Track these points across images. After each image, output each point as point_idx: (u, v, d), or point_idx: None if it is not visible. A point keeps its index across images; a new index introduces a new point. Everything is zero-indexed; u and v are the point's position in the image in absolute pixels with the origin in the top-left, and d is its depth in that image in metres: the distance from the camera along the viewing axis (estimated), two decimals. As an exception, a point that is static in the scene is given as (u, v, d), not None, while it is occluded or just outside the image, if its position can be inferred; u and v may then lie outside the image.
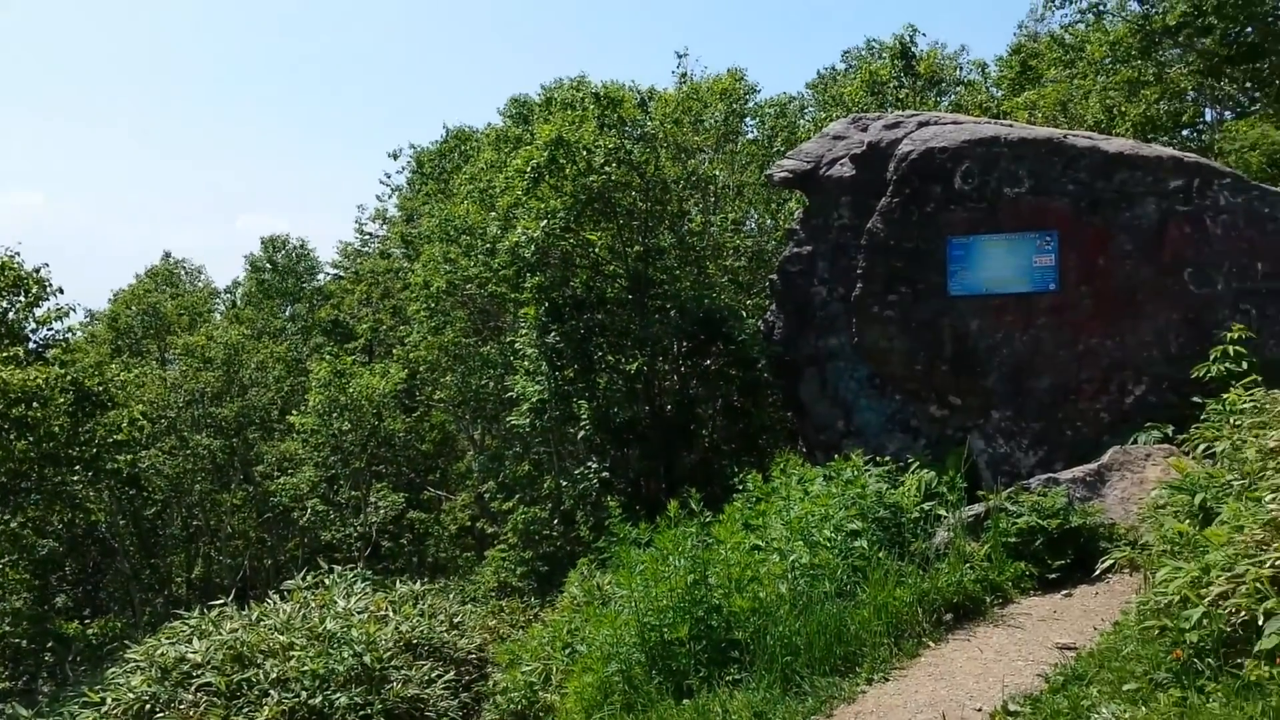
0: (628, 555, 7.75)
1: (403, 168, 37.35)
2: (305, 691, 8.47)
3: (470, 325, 23.97)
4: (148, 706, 8.63)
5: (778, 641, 6.53)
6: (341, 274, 39.76)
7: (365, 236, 39.96)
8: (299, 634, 9.37)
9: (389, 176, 40.47)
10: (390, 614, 10.24)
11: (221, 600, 10.87)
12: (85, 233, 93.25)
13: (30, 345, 19.05)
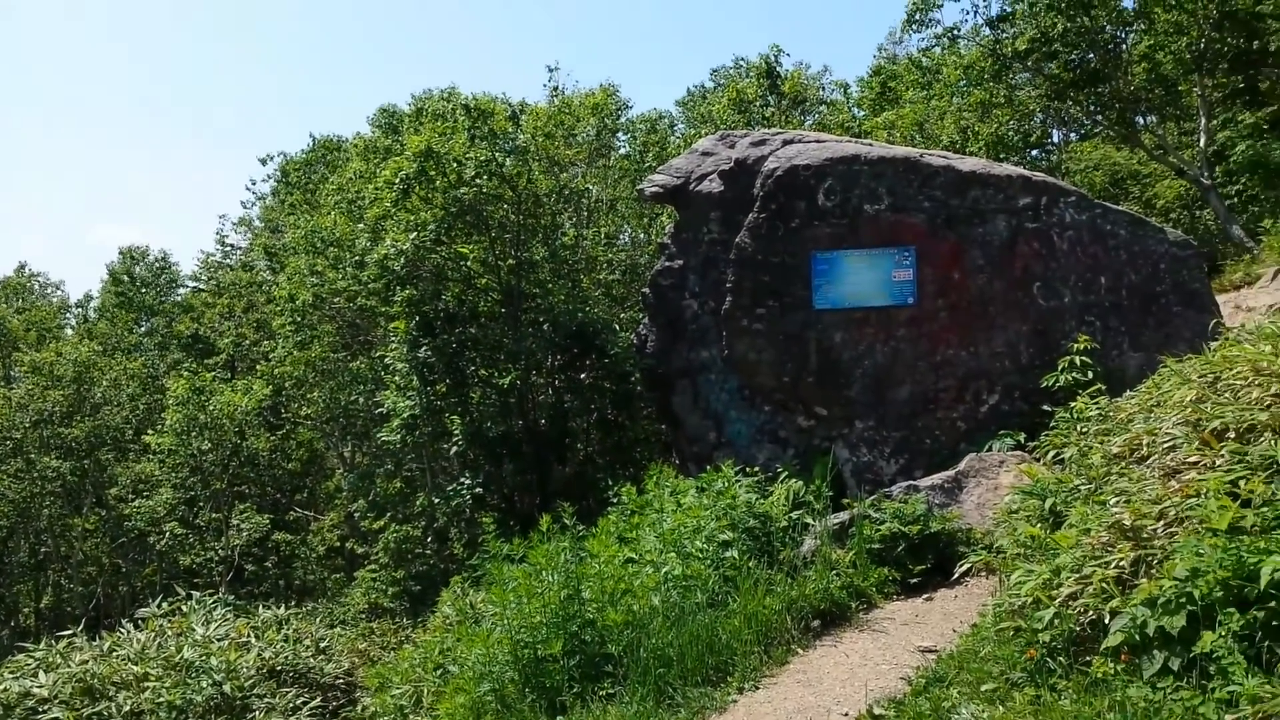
0: (501, 572, 7.70)
1: (268, 176, 36.33)
2: (162, 724, 8.12)
3: (338, 340, 23.41)
4: (-11, 747, 8.15)
5: (651, 654, 6.58)
6: (202, 287, 38.35)
7: (227, 248, 38.67)
8: (154, 664, 8.98)
9: (254, 184, 39.25)
10: (253, 640, 9.90)
11: (71, 630, 10.34)
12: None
13: None
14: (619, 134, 24.57)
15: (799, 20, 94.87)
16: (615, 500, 10.18)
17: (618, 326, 17.35)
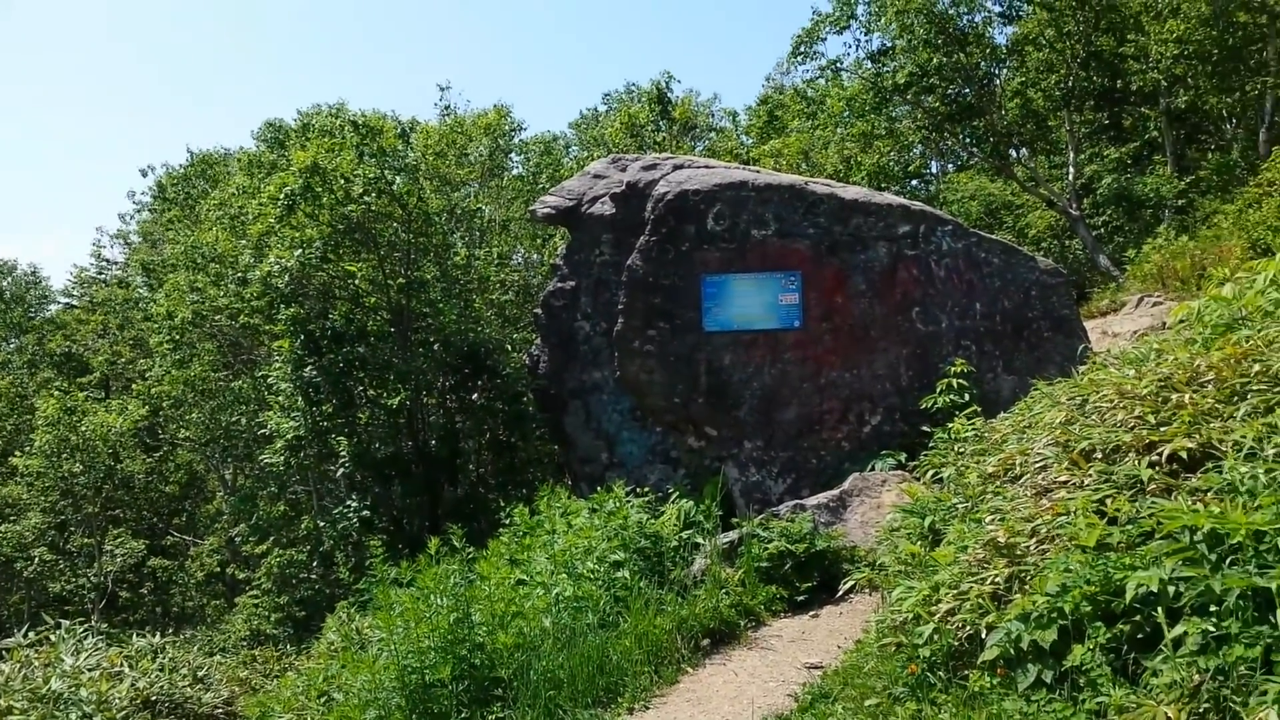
0: (388, 596, 7.56)
1: (148, 189, 35.10)
2: (26, 762, 7.71)
3: (219, 358, 22.72)
4: None
5: (541, 676, 6.54)
6: (75, 303, 36.72)
7: (103, 263, 37.15)
8: (19, 696, 8.50)
9: (134, 195, 37.83)
10: (126, 670, 9.47)
11: (-72, 664, 9.72)
12: None
13: None
14: (512, 154, 24.55)
15: (690, 48, 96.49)
16: (507, 522, 10.13)
17: (510, 347, 17.27)
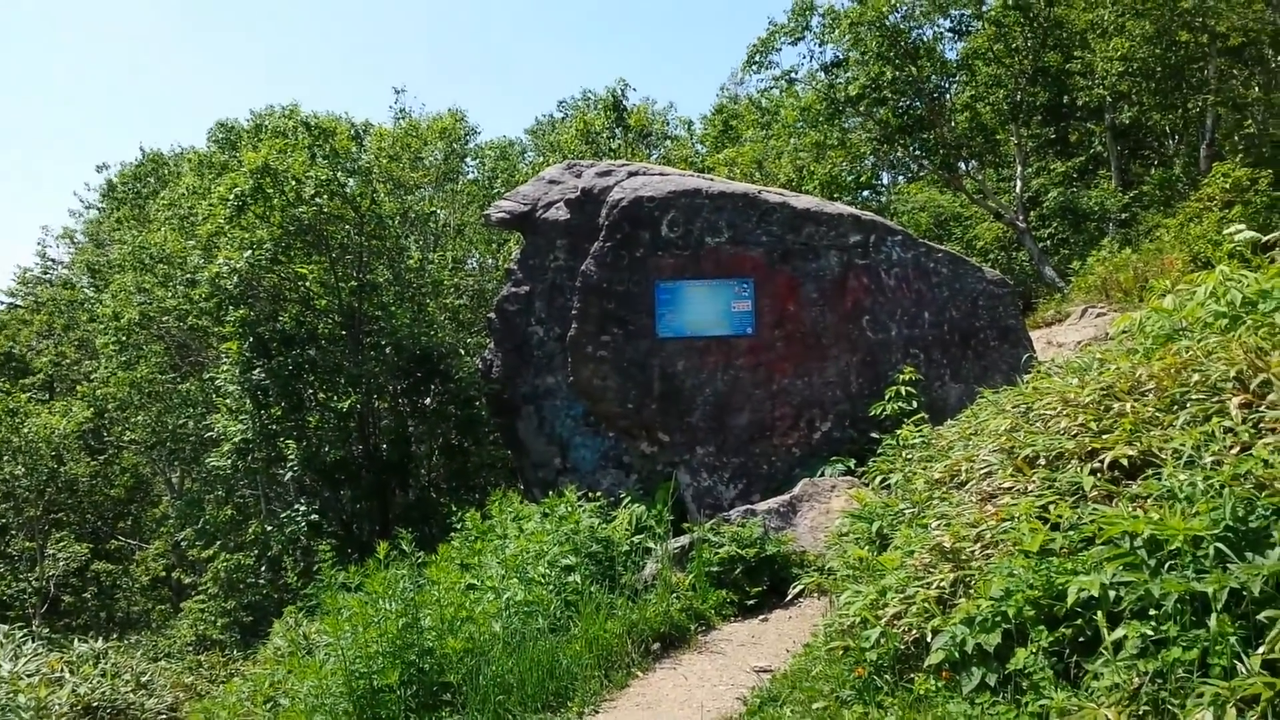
0: (336, 601, 7.49)
1: (98, 186, 34.47)
2: (-39, 771, 7.54)
3: (167, 360, 22.36)
4: None
5: (490, 681, 6.52)
6: (19, 303, 35.93)
7: (48, 263, 36.41)
8: (-47, 705, 8.32)
9: (88, 188, 37.11)
10: (67, 675, 9.29)
11: None
12: None
13: None
14: (467, 159, 24.48)
15: (645, 57, 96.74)
16: (458, 526, 10.07)
17: (463, 351, 17.18)
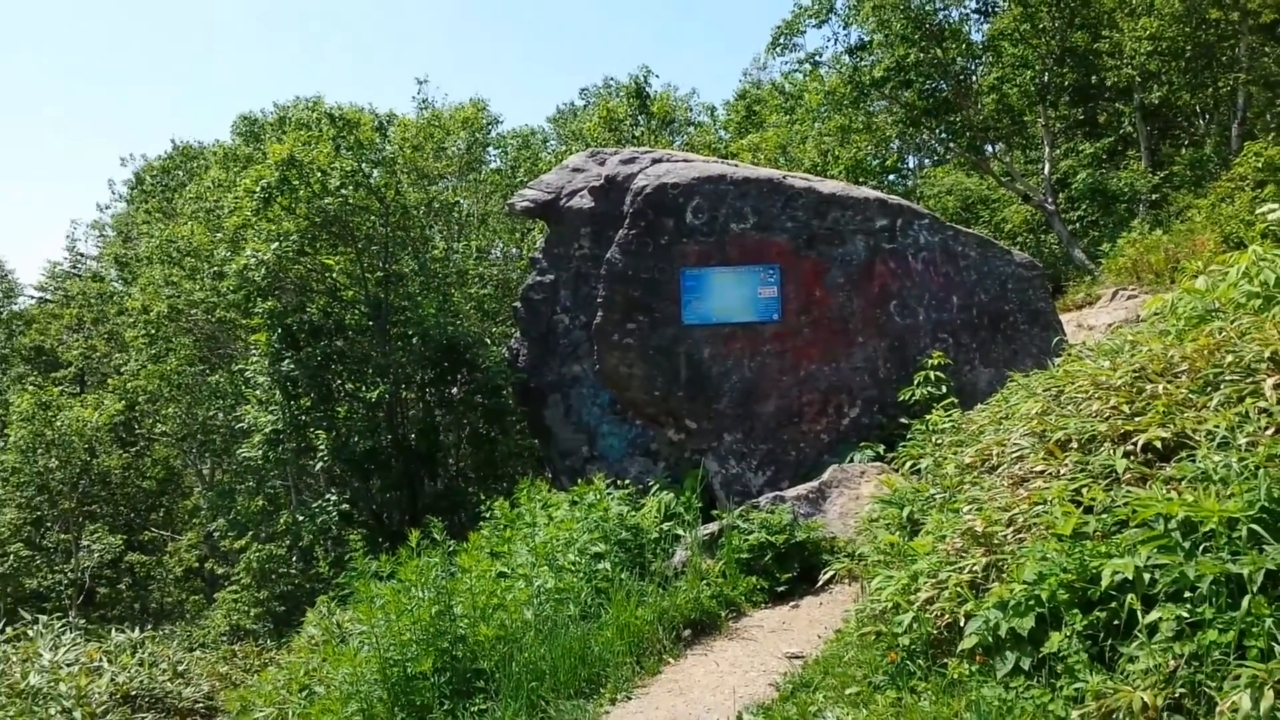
0: (369, 589, 7.55)
1: (127, 179, 34.79)
2: (6, 757, 7.68)
3: (195, 353, 22.56)
4: None
5: (523, 668, 6.56)
6: (49, 297, 36.36)
7: (77, 257, 36.81)
8: (-3, 692, 8.47)
9: (114, 185, 37.46)
10: (105, 665, 9.42)
11: (-95, 661, 9.64)
12: None
13: None
14: (490, 148, 24.52)
15: (668, 44, 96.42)
16: (487, 515, 10.13)
17: (489, 341, 17.25)
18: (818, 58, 27.19)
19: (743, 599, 7.91)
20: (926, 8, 24.32)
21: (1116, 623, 4.17)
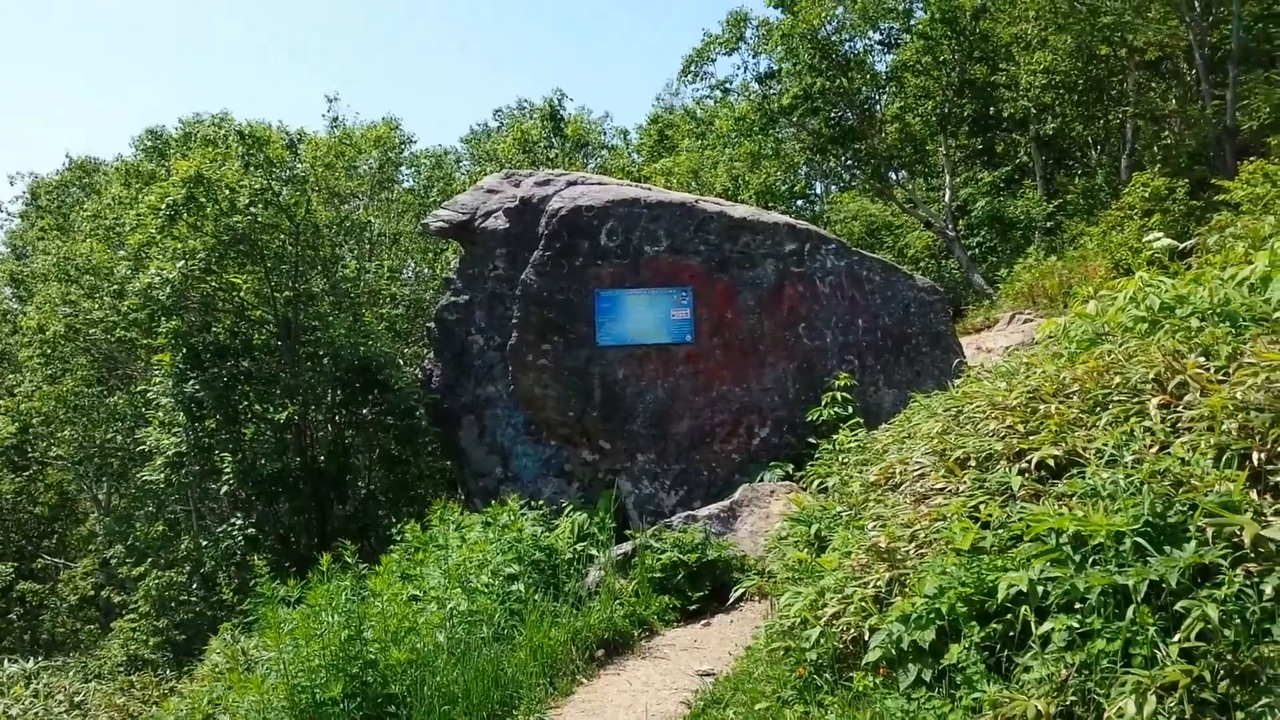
0: (275, 615, 7.42)
1: (16, 197, 33.50)
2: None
3: (94, 373, 21.81)
4: None
5: (435, 692, 6.52)
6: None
7: (-34, 273, 35.25)
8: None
9: (2, 205, 36.02)
10: (-4, 698, 9.09)
11: None
12: None
13: None
14: (402, 168, 24.32)
15: (581, 67, 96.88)
16: (398, 538, 10.02)
17: (402, 361, 17.06)
18: (728, 85, 27.73)
19: (656, 618, 7.98)
20: (833, 39, 24.98)
21: (1012, 634, 4.34)
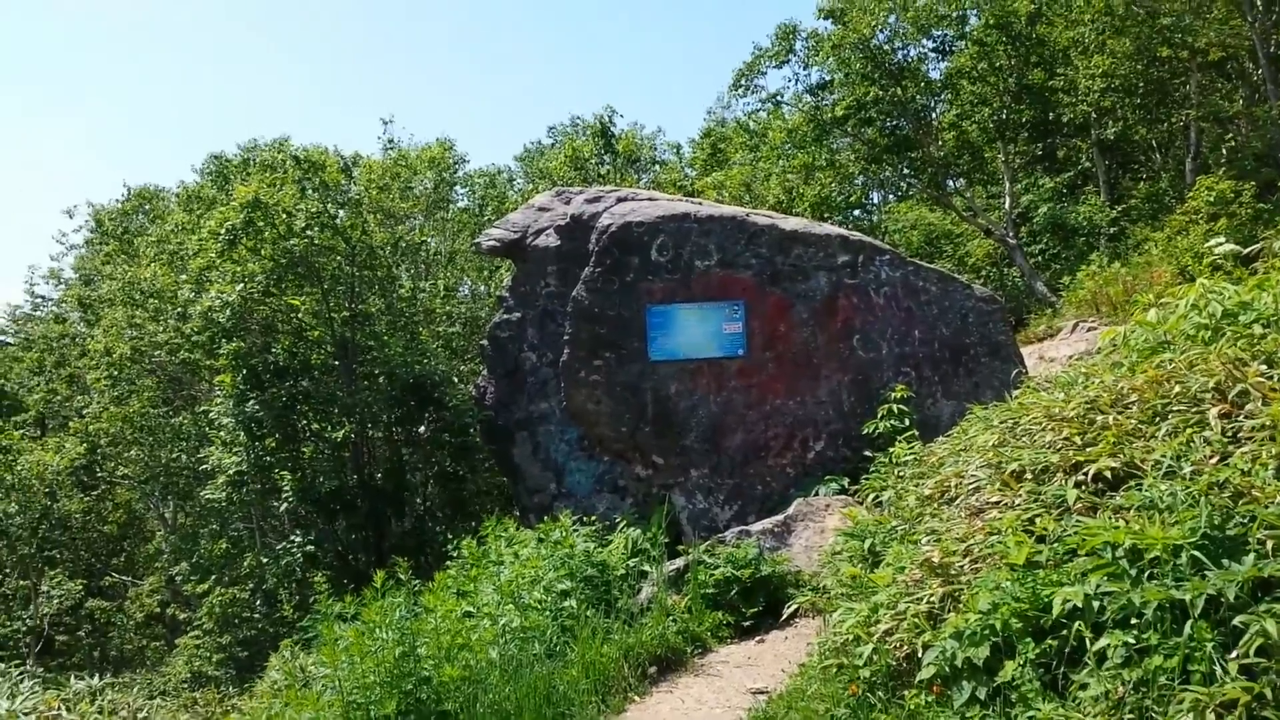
0: (333, 632, 7.49)
1: (79, 226, 34.48)
2: (-42, 812, 7.50)
3: (159, 395, 22.35)
4: None
5: (488, 709, 6.52)
6: (9, 340, 35.90)
7: (37, 299, 36.40)
8: (-50, 745, 8.29)
9: (64, 235, 37.14)
10: (64, 713, 9.24)
11: None
12: None
13: None
14: (457, 187, 24.62)
15: (633, 83, 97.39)
16: (454, 554, 10.08)
17: (457, 379, 17.22)
18: (779, 97, 27.61)
19: (709, 634, 7.90)
20: (885, 47, 24.79)
21: (1068, 650, 4.22)
